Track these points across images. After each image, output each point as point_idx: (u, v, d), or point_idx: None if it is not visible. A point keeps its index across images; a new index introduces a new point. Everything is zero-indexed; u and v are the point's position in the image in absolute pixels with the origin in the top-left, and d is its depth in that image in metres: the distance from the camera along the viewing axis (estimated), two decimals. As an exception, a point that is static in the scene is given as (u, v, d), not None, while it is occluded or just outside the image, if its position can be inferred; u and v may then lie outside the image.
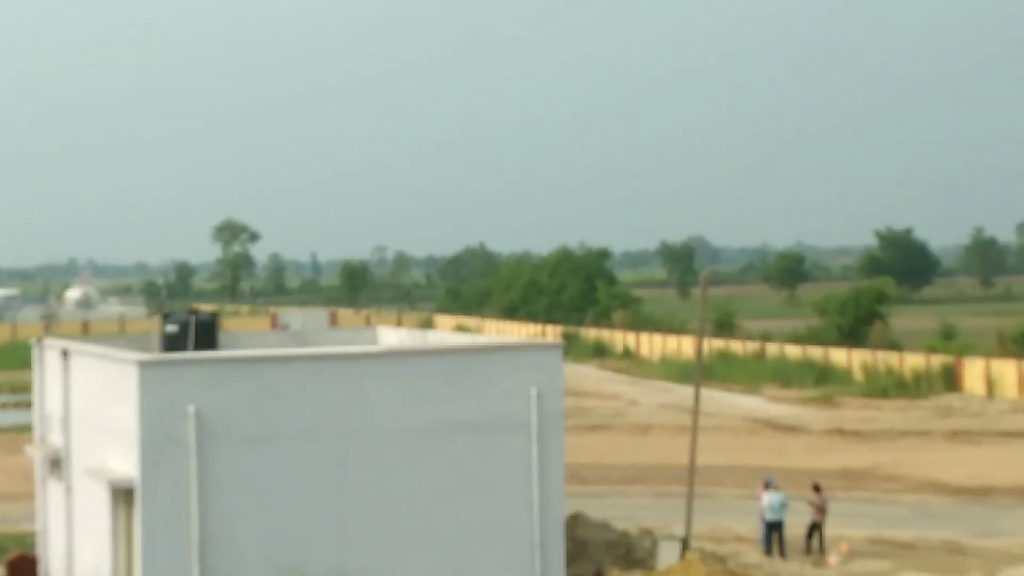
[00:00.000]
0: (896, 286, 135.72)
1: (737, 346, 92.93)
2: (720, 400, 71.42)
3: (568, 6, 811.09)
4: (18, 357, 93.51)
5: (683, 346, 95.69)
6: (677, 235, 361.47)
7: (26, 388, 53.69)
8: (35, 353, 33.12)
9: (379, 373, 27.16)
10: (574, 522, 31.77)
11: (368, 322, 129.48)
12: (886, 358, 79.30)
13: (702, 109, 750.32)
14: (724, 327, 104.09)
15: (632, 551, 32.17)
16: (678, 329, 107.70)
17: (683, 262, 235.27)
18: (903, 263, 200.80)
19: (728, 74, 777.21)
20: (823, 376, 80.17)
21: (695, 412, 34.63)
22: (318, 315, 42.80)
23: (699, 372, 35.68)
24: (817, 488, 36.50)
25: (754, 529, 37.00)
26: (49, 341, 32.75)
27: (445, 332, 43.93)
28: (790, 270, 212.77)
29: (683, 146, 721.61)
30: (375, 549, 26.66)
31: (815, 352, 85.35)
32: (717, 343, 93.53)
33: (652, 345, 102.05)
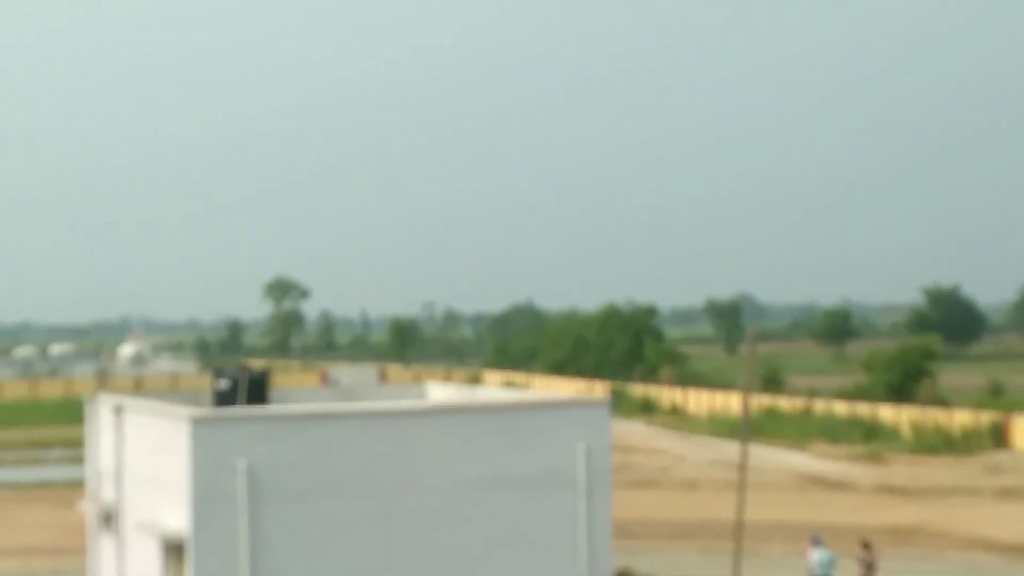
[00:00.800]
0: (944, 343, 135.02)
1: (784, 402, 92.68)
2: (767, 456, 71.26)
3: (611, 68, 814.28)
4: (72, 413, 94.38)
5: (730, 402, 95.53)
6: (724, 292, 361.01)
7: (79, 443, 54.17)
8: (88, 409, 33.57)
9: (428, 429, 27.42)
10: (621, 578, 31.87)
11: (417, 378, 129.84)
12: (934, 415, 78.95)
13: (749, 166, 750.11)
14: (771, 383, 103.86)
15: (679, 607, 32.21)
16: (725, 385, 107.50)
17: (730, 319, 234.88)
18: (950, 320, 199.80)
19: (774, 131, 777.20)
20: (871, 433, 79.85)
21: (742, 468, 34.70)
22: (367, 371, 43.16)
23: (746, 428, 35.76)
24: (866, 545, 36.43)
25: (802, 586, 36.94)
26: (102, 397, 33.19)
27: (493, 388, 44.21)
28: (837, 327, 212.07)
29: (730, 203, 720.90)
30: (423, 604, 26.83)
31: (863, 409, 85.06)
32: (764, 399, 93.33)
33: (699, 401, 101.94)
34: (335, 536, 26.47)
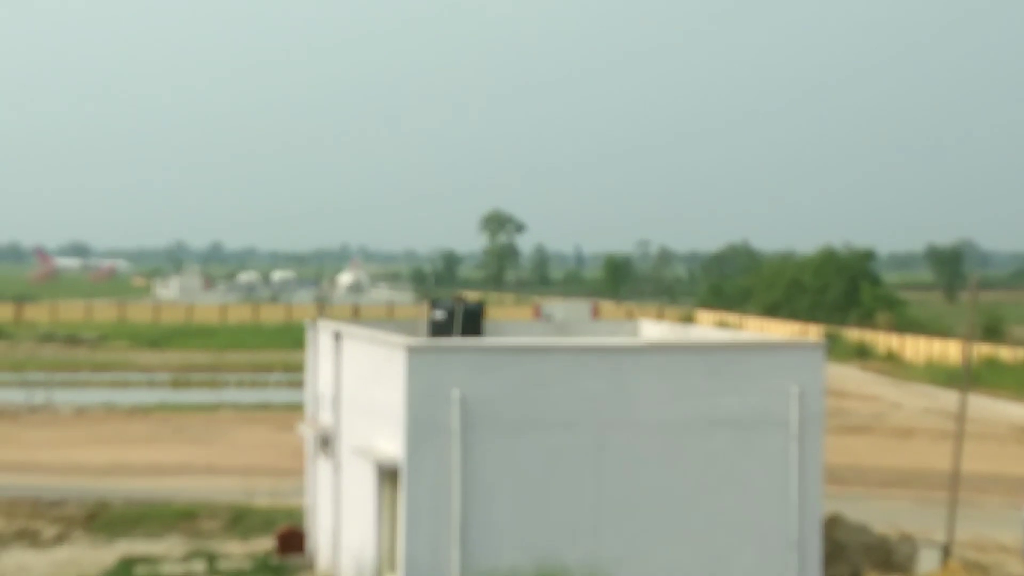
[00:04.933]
0: None
1: (1006, 353, 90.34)
2: (986, 407, 69.61)
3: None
4: (292, 337, 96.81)
5: (949, 351, 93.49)
6: (945, 238, 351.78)
7: (298, 368, 55.49)
8: (309, 334, 34.28)
9: (640, 366, 27.39)
10: (832, 523, 31.49)
11: (629, 315, 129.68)
12: None
13: (973, 109, 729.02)
14: (992, 333, 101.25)
15: (891, 556, 31.74)
16: (944, 333, 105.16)
17: (951, 265, 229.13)
18: None
19: (994, 70, 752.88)
20: (1096, 385, 77.43)
21: (961, 418, 34.00)
22: (580, 307, 43.33)
23: (966, 378, 35.00)
24: (1086, 501, 35.39)
25: (1019, 539, 36.09)
26: (322, 323, 33.84)
27: (706, 328, 43.90)
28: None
29: (954, 148, 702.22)
30: (630, 541, 26.90)
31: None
32: (985, 349, 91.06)
33: (916, 348, 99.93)
34: (545, 469, 26.65)
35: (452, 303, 34.07)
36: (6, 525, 37.91)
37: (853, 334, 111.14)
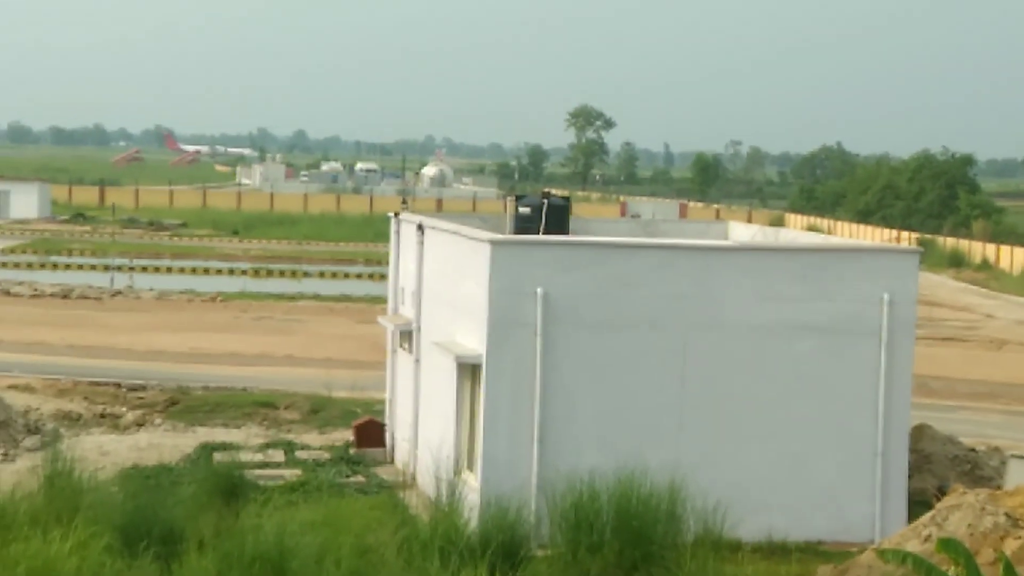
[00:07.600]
0: None
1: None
2: (1082, 321, 68.17)
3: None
4: (373, 229, 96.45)
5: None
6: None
7: (380, 260, 55.19)
8: (392, 226, 33.85)
9: (729, 268, 26.76)
10: (919, 434, 30.84)
11: (718, 216, 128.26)
12: None
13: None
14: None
15: (978, 468, 31.08)
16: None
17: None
18: None
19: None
20: None
21: (1057, 331, 33.05)
22: (668, 206, 42.63)
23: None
24: None
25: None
26: (405, 215, 33.41)
27: (797, 231, 43.07)
28: None
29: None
30: (713, 445, 26.40)
31: None
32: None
33: (1014, 258, 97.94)
34: (628, 370, 26.17)
35: (537, 199, 33.50)
36: (87, 408, 38.07)
37: (947, 242, 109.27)
